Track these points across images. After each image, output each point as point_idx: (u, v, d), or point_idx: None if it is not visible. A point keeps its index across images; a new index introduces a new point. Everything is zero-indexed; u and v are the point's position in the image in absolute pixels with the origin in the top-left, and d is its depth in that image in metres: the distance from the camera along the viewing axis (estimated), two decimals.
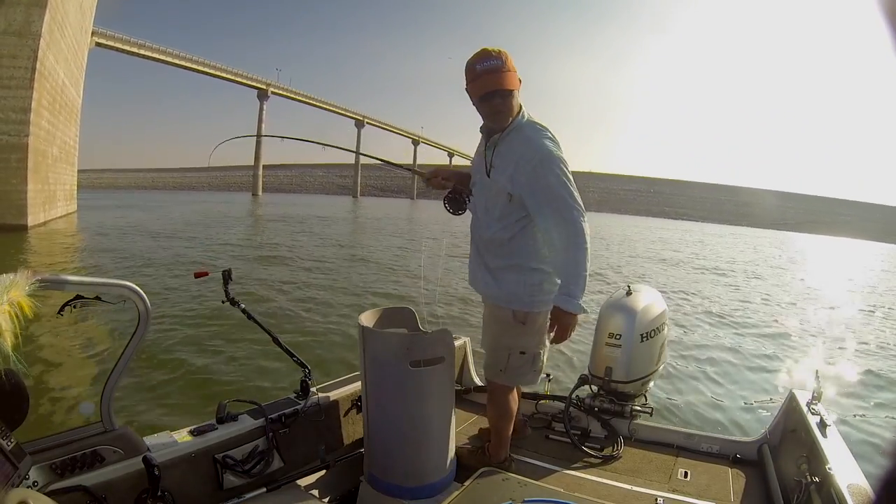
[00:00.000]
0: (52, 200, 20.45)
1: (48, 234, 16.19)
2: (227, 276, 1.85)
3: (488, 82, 1.63)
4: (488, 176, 1.76)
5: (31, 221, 16.83)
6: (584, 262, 1.61)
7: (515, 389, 1.95)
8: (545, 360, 1.89)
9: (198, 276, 1.91)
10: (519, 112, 1.71)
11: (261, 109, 68.06)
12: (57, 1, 18.45)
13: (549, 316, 1.75)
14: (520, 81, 1.69)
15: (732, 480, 1.88)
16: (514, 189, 1.68)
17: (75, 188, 26.12)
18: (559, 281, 1.72)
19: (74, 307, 1.33)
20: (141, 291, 1.41)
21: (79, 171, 27.66)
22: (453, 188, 1.88)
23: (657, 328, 2.20)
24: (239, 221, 25.44)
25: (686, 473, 1.92)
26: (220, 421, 1.73)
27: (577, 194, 1.64)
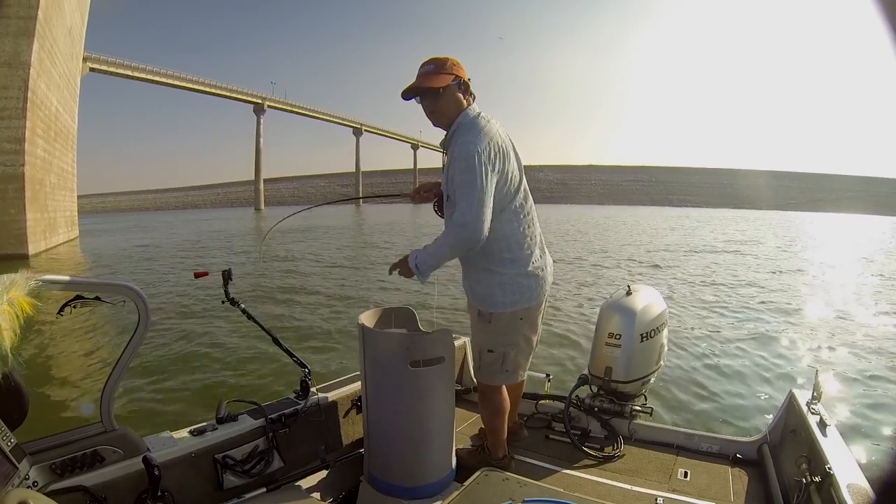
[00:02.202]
0: (52, 228, 20.49)
1: (50, 262, 16.20)
2: (227, 276, 1.85)
3: (417, 83, 1.72)
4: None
5: (31, 250, 16.86)
6: (444, 250, 1.69)
7: (504, 388, 1.94)
8: (521, 361, 1.88)
9: (198, 275, 1.92)
10: (460, 113, 1.74)
11: (258, 123, 68.72)
12: (45, 30, 18.45)
13: (516, 316, 1.79)
14: (459, 83, 1.72)
15: (732, 480, 1.88)
16: (449, 190, 1.72)
17: (76, 214, 26.19)
18: (524, 283, 1.78)
19: (74, 307, 1.33)
20: (141, 291, 1.42)
21: (80, 197, 27.76)
22: (437, 195, 1.92)
23: (657, 328, 2.20)
24: (242, 238, 25.37)
25: (686, 473, 1.92)
26: (220, 421, 1.73)
27: (478, 194, 1.60)
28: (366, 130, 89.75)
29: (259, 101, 68.27)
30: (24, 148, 17.10)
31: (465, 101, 1.75)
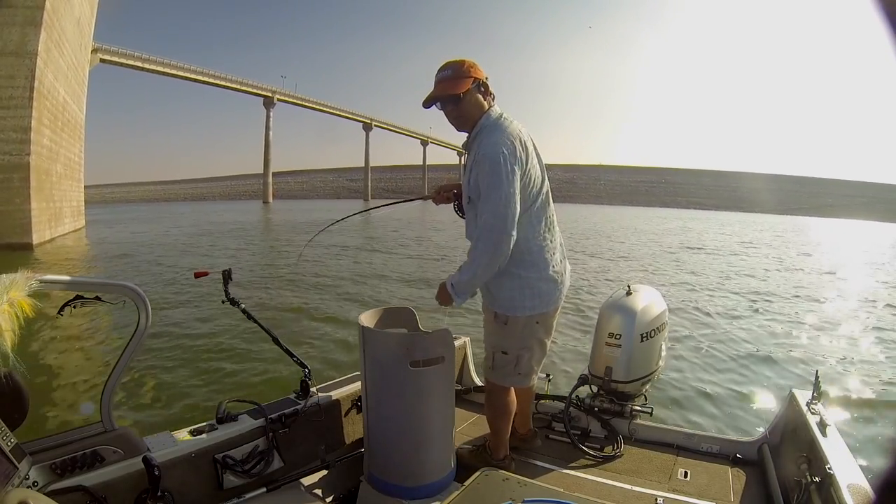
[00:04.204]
0: (58, 217, 20.45)
1: (54, 251, 16.18)
2: (227, 276, 1.85)
3: (437, 91, 1.71)
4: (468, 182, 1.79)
5: (36, 239, 16.83)
6: (480, 260, 1.66)
7: (511, 390, 1.94)
8: (534, 365, 1.88)
9: (198, 275, 1.91)
10: (482, 115, 1.73)
11: (268, 117, 68.79)
12: (53, 19, 18.43)
13: (532, 320, 1.79)
14: (479, 85, 1.71)
15: (732, 480, 1.88)
16: (471, 192, 1.71)
17: (82, 204, 26.11)
18: (543, 287, 1.76)
19: (74, 307, 1.33)
20: (141, 291, 1.41)
21: (87, 187, 27.71)
22: (457, 195, 1.94)
23: (657, 328, 2.20)
24: (250, 229, 25.29)
25: (686, 473, 1.92)
26: (220, 421, 1.73)
27: (504, 194, 1.59)
28: (375, 126, 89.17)
29: (269, 94, 68.17)
30: (30, 137, 17.06)
31: (486, 103, 1.74)
